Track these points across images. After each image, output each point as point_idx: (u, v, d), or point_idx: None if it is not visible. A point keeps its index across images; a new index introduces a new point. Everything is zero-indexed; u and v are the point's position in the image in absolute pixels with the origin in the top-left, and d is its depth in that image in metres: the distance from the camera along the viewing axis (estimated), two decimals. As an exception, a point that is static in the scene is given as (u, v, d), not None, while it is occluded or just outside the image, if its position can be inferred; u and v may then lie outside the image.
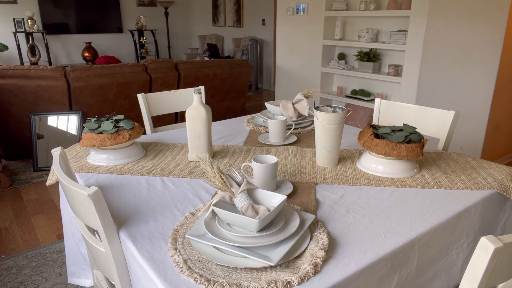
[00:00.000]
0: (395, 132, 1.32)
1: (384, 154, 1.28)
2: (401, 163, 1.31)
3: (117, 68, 3.57)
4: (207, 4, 8.19)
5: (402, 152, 1.26)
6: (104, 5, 7.59)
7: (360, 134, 1.40)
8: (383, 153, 1.28)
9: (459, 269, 1.16)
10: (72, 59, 7.50)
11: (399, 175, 1.30)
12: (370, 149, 1.31)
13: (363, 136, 1.37)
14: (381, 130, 1.35)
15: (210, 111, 1.40)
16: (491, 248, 0.66)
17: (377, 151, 1.29)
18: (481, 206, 1.17)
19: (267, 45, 6.86)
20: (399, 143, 1.27)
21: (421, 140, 1.32)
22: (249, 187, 0.96)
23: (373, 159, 1.35)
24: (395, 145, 1.27)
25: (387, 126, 1.39)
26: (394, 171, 1.31)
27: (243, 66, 4.40)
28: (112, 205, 1.11)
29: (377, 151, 1.29)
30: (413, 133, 1.31)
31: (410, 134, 1.30)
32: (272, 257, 0.82)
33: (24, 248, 2.24)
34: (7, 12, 6.69)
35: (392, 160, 1.31)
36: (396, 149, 1.26)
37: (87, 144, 1.40)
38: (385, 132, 1.33)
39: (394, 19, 3.83)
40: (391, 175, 1.30)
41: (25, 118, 3.31)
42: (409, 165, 1.32)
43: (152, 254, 0.88)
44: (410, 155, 1.26)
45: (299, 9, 4.54)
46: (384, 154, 1.28)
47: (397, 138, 1.28)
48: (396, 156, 1.26)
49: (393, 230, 0.98)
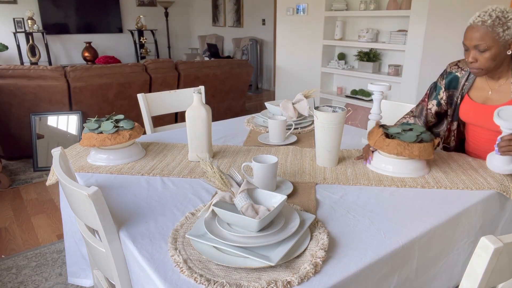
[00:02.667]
0: (405, 132, 1.31)
1: (396, 154, 1.27)
2: (412, 162, 1.31)
3: (117, 68, 3.57)
4: (207, 4, 8.19)
5: (415, 152, 1.25)
6: (104, 5, 7.59)
7: (369, 134, 1.39)
8: (395, 153, 1.27)
9: (460, 270, 1.16)
10: (72, 59, 7.50)
11: (411, 175, 1.30)
12: (381, 149, 1.30)
13: (373, 136, 1.35)
14: (391, 129, 1.34)
15: (210, 111, 1.40)
16: (491, 248, 0.66)
17: (389, 151, 1.28)
18: (481, 206, 1.17)
19: (267, 45, 6.86)
20: (411, 143, 1.26)
21: (432, 139, 1.31)
22: (249, 187, 0.96)
23: (383, 159, 1.34)
24: (407, 144, 1.26)
25: (397, 126, 1.38)
26: (404, 170, 1.30)
27: (243, 66, 4.40)
28: (112, 205, 1.11)
29: (389, 150, 1.28)
30: (423, 133, 1.31)
31: (421, 133, 1.30)
32: (272, 257, 0.82)
33: (24, 248, 2.24)
34: (7, 12, 6.69)
35: (403, 160, 1.31)
36: (408, 149, 1.26)
37: (87, 144, 1.40)
38: (396, 131, 1.32)
39: (394, 19, 3.83)
40: (401, 174, 1.30)
41: (25, 118, 3.31)
42: (419, 164, 1.32)
43: (152, 254, 0.88)
44: (422, 154, 1.26)
45: (299, 9, 4.54)
46: (396, 153, 1.27)
47: (409, 137, 1.27)
48: (408, 155, 1.26)
49: (393, 230, 0.98)
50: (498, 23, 1.25)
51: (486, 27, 1.27)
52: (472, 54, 1.33)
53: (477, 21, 1.29)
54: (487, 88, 1.44)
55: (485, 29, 1.27)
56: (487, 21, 1.26)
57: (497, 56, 1.30)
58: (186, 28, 8.85)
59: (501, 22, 1.25)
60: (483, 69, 1.34)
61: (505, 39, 1.27)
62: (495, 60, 1.30)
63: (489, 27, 1.26)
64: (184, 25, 8.81)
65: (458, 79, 1.52)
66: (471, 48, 1.33)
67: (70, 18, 7.32)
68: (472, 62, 1.34)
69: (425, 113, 1.60)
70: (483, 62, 1.32)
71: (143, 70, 3.73)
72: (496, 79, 1.40)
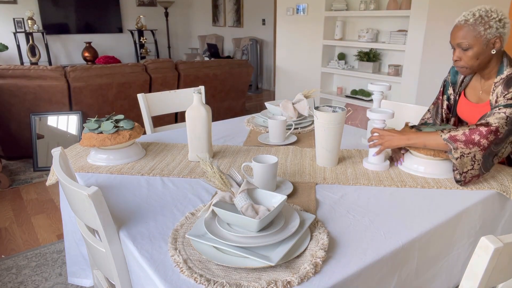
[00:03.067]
0: None
1: (433, 155, 1.28)
2: (446, 163, 1.31)
3: (117, 68, 3.57)
4: (207, 4, 8.19)
5: None
6: (104, 5, 7.59)
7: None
8: (432, 154, 1.28)
9: (460, 270, 1.16)
10: (72, 59, 7.50)
11: (445, 176, 1.29)
12: (418, 150, 1.31)
13: None
14: (425, 130, 1.34)
15: (210, 111, 1.40)
16: (491, 248, 0.66)
17: (426, 152, 1.29)
18: (481, 206, 1.17)
19: (267, 45, 6.86)
20: None
21: None
22: (249, 187, 0.96)
23: (415, 160, 1.34)
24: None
25: (428, 126, 1.37)
26: (438, 171, 1.30)
27: (243, 66, 4.40)
28: (112, 205, 1.11)
29: (425, 152, 1.29)
30: None
31: None
32: (272, 257, 0.82)
33: (24, 248, 2.24)
34: (7, 12, 6.69)
35: (437, 161, 1.31)
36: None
37: (87, 144, 1.40)
38: None
39: (394, 19, 3.83)
40: (435, 175, 1.30)
41: (25, 118, 3.31)
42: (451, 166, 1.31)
43: (152, 254, 0.88)
44: None
45: (299, 9, 4.54)
46: (433, 155, 1.28)
47: None
48: (445, 156, 1.27)
49: (393, 230, 0.98)
50: (480, 22, 1.28)
51: (468, 26, 1.30)
52: (456, 52, 1.37)
53: (461, 20, 1.33)
54: (479, 88, 1.47)
55: (467, 27, 1.30)
56: (470, 20, 1.30)
57: (479, 55, 1.32)
58: (186, 28, 8.85)
59: (483, 21, 1.28)
60: (467, 67, 1.37)
61: (487, 37, 1.29)
62: (478, 59, 1.33)
63: (471, 25, 1.30)
64: (184, 25, 8.81)
65: (458, 75, 1.55)
66: (456, 46, 1.36)
67: (70, 18, 7.32)
68: (456, 60, 1.38)
69: (441, 110, 1.62)
70: (466, 60, 1.35)
71: (143, 70, 3.73)
72: (486, 79, 1.43)
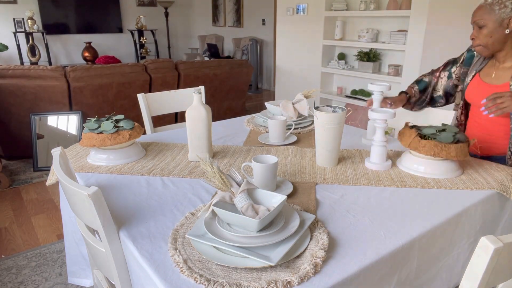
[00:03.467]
0: (440, 132, 1.30)
1: (433, 155, 1.26)
2: (446, 163, 1.30)
3: (117, 68, 3.57)
4: (207, 4, 8.19)
5: (452, 153, 1.24)
6: (104, 5, 7.59)
7: (400, 134, 1.38)
8: (432, 154, 1.26)
9: (460, 270, 1.16)
10: (72, 59, 7.50)
11: (444, 176, 1.29)
12: (417, 150, 1.29)
13: (405, 137, 1.34)
14: (425, 130, 1.33)
15: (210, 111, 1.40)
16: (491, 248, 0.66)
17: (426, 152, 1.27)
18: (481, 206, 1.17)
19: (267, 45, 6.86)
20: (447, 144, 1.25)
21: (467, 139, 1.31)
22: (249, 187, 0.96)
23: (415, 159, 1.33)
24: (444, 145, 1.25)
25: (429, 126, 1.37)
26: (438, 171, 1.30)
27: (243, 66, 4.40)
28: (112, 205, 1.11)
29: (425, 152, 1.27)
30: (457, 133, 1.30)
31: (456, 134, 1.29)
32: (272, 257, 0.82)
33: (24, 248, 2.24)
34: (7, 12, 6.69)
35: (437, 161, 1.30)
36: (446, 150, 1.25)
37: (87, 144, 1.40)
38: (430, 132, 1.31)
39: (394, 19, 3.83)
40: (434, 175, 1.29)
41: (25, 118, 3.31)
42: (454, 165, 1.31)
43: (152, 254, 0.88)
44: (459, 155, 1.25)
45: (299, 9, 4.54)
46: (433, 155, 1.26)
47: (446, 138, 1.27)
48: (445, 156, 1.25)
49: (393, 230, 0.98)
50: (497, 2, 1.39)
51: (486, 6, 1.41)
52: (474, 31, 1.47)
53: (483, 1, 1.44)
54: (492, 71, 1.54)
55: (485, 7, 1.42)
56: (488, 0, 1.42)
57: (493, 33, 1.42)
58: (186, 28, 8.85)
59: (500, 1, 1.39)
60: (482, 45, 1.46)
61: (500, 16, 1.39)
62: (492, 37, 1.43)
63: (488, 5, 1.41)
64: (184, 25, 8.81)
65: (473, 57, 1.63)
66: (474, 25, 1.46)
67: (70, 18, 7.33)
68: (473, 38, 1.48)
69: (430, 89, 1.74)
70: (481, 38, 1.45)
71: (143, 70, 3.73)
72: (501, 62, 1.51)
